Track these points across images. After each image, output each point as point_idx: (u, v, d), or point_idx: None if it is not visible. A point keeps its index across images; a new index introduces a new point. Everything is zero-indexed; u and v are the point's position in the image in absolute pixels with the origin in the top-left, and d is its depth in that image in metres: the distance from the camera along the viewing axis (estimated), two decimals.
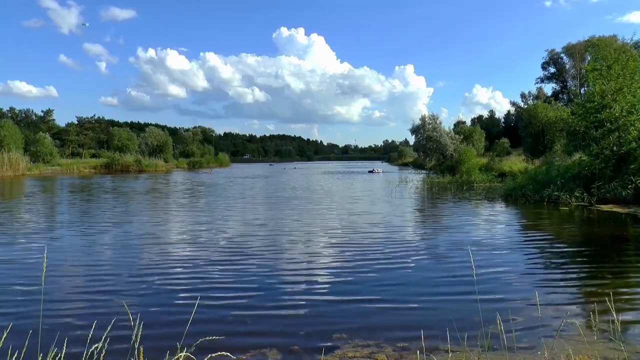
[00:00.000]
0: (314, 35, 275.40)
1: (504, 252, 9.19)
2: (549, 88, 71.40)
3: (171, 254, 9.27)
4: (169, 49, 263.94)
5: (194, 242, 10.55)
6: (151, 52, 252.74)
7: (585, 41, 55.30)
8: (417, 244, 10.30)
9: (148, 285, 6.94)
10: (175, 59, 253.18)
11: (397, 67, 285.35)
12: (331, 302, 6.12)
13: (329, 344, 4.70)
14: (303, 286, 6.89)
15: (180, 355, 2.80)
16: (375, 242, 10.26)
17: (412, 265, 8.15)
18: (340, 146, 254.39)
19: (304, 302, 6.11)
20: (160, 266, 8.22)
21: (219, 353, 2.64)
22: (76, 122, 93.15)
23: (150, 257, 8.94)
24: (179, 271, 7.86)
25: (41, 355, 3.28)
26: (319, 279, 7.29)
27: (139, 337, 3.10)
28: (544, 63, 66.80)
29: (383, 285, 6.87)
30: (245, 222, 13.79)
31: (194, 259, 8.78)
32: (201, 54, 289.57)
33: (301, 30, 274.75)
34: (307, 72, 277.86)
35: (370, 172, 54.67)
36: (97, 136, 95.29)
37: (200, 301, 6.18)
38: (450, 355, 4.22)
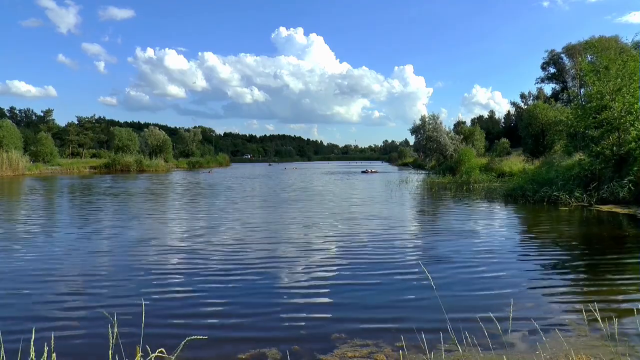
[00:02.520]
0: (313, 35, 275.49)
1: (503, 252, 9.19)
2: (548, 88, 71.54)
3: (168, 253, 9.26)
4: (167, 49, 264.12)
5: (191, 242, 10.54)
6: (150, 52, 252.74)
7: (585, 42, 55.33)
8: (416, 245, 10.30)
9: (146, 284, 6.94)
10: (173, 59, 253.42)
11: (396, 67, 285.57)
12: (330, 302, 6.13)
13: (328, 343, 4.70)
14: (302, 286, 6.89)
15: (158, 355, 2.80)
16: (375, 244, 10.26)
17: (411, 265, 8.15)
18: (340, 146, 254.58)
19: (303, 302, 6.12)
20: (157, 265, 8.22)
21: None
22: (76, 122, 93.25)
23: (146, 257, 8.94)
24: (176, 271, 7.85)
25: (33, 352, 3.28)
26: (319, 279, 7.28)
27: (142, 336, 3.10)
28: (544, 63, 66.88)
29: (382, 286, 6.88)
30: (243, 223, 13.78)
31: (191, 258, 8.78)
32: (199, 53, 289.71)
33: (300, 30, 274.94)
34: (306, 72, 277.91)
35: (364, 172, 54.47)
36: (97, 136, 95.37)
37: (199, 301, 6.20)
38: (449, 355, 4.22)
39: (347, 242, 10.39)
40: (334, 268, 7.98)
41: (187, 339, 3.18)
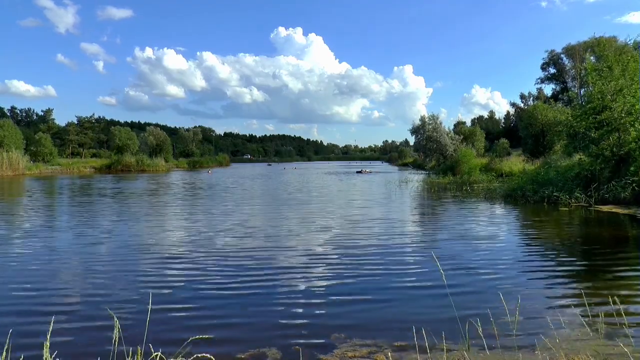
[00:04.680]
0: (312, 35, 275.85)
1: (503, 252, 9.19)
2: (548, 89, 71.57)
3: (167, 255, 9.26)
4: (166, 49, 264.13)
5: (189, 241, 10.54)
6: (148, 52, 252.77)
7: (584, 42, 55.34)
8: (415, 245, 10.31)
9: (144, 284, 6.95)
10: (172, 59, 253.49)
11: (395, 68, 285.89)
12: (330, 303, 6.13)
13: (328, 344, 4.71)
14: (302, 287, 6.90)
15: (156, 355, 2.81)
16: (375, 244, 10.27)
17: (410, 266, 8.16)
18: (340, 146, 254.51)
19: (303, 303, 6.12)
20: (156, 266, 8.23)
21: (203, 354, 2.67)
22: (76, 122, 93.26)
23: (145, 258, 8.95)
24: (175, 271, 7.86)
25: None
26: (318, 280, 7.29)
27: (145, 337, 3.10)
28: (543, 64, 66.90)
29: (382, 286, 6.88)
30: (243, 223, 13.78)
31: (189, 258, 8.78)
32: (198, 53, 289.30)
33: (299, 30, 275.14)
34: (305, 72, 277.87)
35: (359, 172, 54.56)
36: (97, 136, 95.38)
37: (199, 301, 6.20)
38: (448, 355, 4.23)
39: (346, 242, 10.39)
40: (334, 268, 7.98)
41: (189, 339, 3.19)
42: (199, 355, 2.64)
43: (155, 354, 2.97)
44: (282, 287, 6.85)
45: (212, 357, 2.68)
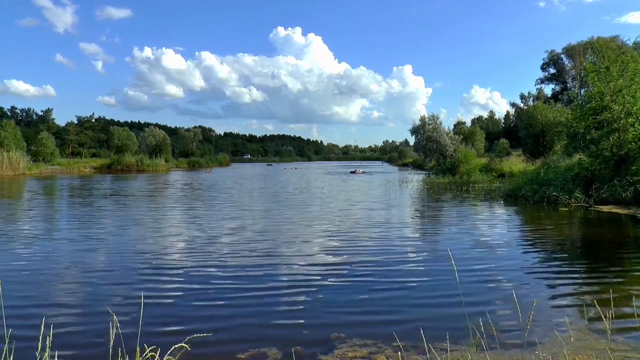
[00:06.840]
0: (312, 35, 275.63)
1: (503, 252, 9.20)
2: (548, 89, 71.66)
3: (164, 255, 9.26)
4: (164, 48, 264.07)
5: (189, 242, 10.54)
6: (147, 52, 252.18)
7: (584, 42, 55.40)
8: (415, 245, 10.31)
9: (144, 285, 6.94)
10: (171, 58, 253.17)
11: (395, 68, 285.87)
12: (330, 303, 6.13)
13: (328, 344, 4.71)
14: (302, 287, 6.89)
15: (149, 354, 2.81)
16: (374, 244, 10.27)
17: (410, 266, 8.16)
18: (340, 146, 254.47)
19: (303, 303, 6.12)
20: (155, 267, 8.22)
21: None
22: (76, 122, 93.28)
23: (144, 258, 8.94)
24: (175, 272, 7.85)
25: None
26: (318, 280, 7.29)
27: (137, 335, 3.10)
28: (543, 64, 66.99)
29: (381, 286, 6.88)
30: (243, 224, 13.78)
31: (189, 259, 8.78)
32: (197, 53, 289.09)
33: (298, 29, 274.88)
34: (305, 72, 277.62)
35: (352, 172, 54.85)
36: (97, 136, 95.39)
37: (199, 301, 6.20)
38: (448, 355, 4.23)
39: (347, 243, 10.39)
40: (334, 269, 7.98)
41: (188, 337, 3.19)
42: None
43: (151, 349, 2.97)
44: (282, 287, 6.84)
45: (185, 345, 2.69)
